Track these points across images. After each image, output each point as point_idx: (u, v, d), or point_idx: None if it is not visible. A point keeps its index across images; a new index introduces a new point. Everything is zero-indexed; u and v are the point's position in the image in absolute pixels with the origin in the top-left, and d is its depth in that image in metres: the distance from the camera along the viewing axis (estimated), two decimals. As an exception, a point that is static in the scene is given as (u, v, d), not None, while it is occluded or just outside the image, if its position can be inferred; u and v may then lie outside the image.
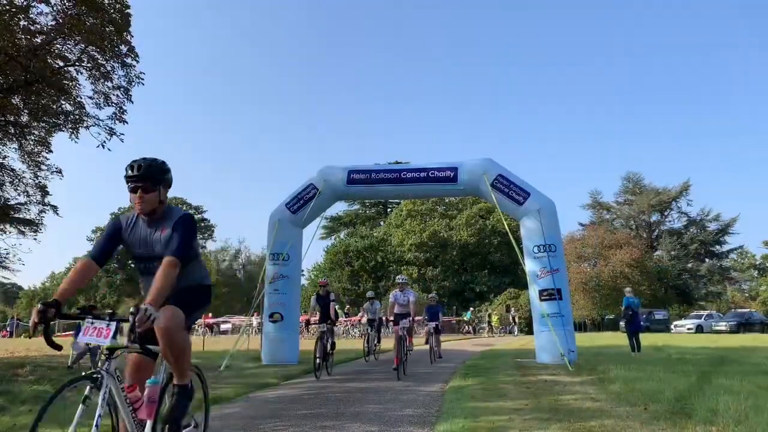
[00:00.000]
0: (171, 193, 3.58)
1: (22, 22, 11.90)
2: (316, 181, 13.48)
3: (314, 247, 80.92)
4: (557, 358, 11.12)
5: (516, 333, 34.54)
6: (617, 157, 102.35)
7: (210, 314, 40.78)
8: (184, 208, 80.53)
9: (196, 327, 35.78)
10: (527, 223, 12.62)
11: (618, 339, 24.94)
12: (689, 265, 55.19)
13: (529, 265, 12.60)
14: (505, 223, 12.08)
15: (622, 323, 37.65)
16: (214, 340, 29.49)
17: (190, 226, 3.35)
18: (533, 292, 12.49)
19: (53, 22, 12.21)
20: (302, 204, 13.42)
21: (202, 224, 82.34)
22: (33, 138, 14.07)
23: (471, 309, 40.89)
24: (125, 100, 13.46)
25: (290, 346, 13.03)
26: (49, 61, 12.23)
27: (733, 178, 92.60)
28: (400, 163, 28.49)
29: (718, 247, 59.94)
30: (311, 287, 52.03)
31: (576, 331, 44.78)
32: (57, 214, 14.47)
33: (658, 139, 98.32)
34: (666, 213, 60.23)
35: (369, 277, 47.64)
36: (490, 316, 37.70)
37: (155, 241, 3.35)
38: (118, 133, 13.86)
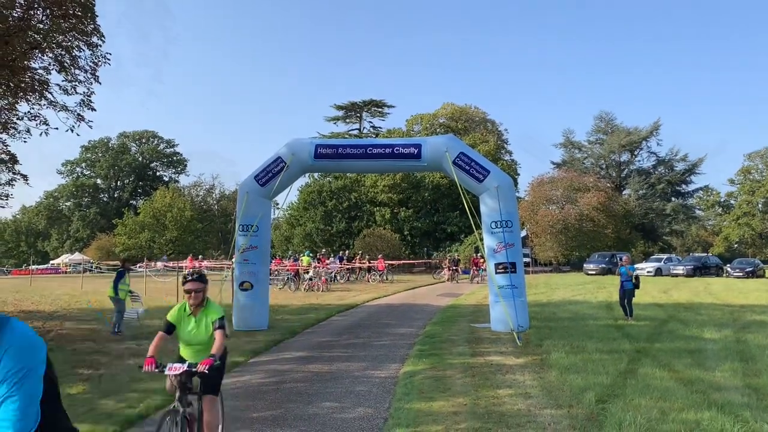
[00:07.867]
0: (142, 126, 3.78)
1: None
2: (283, 154, 13.78)
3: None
4: (509, 327, 12.00)
5: (477, 280, 31.54)
6: (593, 96, 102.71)
7: (199, 256, 41.27)
8: (155, 141, 79.61)
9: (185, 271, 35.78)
10: (486, 199, 13.18)
11: (579, 280, 26.43)
12: (655, 204, 56.72)
13: (487, 240, 13.26)
14: (465, 198, 12.59)
15: (586, 265, 39.44)
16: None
17: None
18: (491, 265, 13.22)
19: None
20: (270, 177, 13.78)
21: (174, 158, 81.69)
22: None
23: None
24: (93, 81, 13.36)
25: (260, 313, 13.76)
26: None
27: (704, 115, 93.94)
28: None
29: (684, 186, 61.58)
30: (287, 226, 52.65)
31: (541, 271, 45.25)
32: (27, 183, 14.55)
33: (632, 78, 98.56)
34: (636, 153, 61.35)
35: (342, 218, 48.32)
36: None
37: None
38: (87, 120, 13.84)
